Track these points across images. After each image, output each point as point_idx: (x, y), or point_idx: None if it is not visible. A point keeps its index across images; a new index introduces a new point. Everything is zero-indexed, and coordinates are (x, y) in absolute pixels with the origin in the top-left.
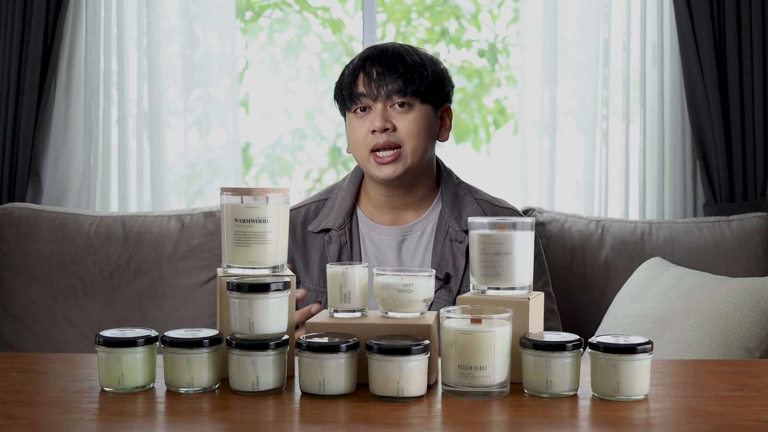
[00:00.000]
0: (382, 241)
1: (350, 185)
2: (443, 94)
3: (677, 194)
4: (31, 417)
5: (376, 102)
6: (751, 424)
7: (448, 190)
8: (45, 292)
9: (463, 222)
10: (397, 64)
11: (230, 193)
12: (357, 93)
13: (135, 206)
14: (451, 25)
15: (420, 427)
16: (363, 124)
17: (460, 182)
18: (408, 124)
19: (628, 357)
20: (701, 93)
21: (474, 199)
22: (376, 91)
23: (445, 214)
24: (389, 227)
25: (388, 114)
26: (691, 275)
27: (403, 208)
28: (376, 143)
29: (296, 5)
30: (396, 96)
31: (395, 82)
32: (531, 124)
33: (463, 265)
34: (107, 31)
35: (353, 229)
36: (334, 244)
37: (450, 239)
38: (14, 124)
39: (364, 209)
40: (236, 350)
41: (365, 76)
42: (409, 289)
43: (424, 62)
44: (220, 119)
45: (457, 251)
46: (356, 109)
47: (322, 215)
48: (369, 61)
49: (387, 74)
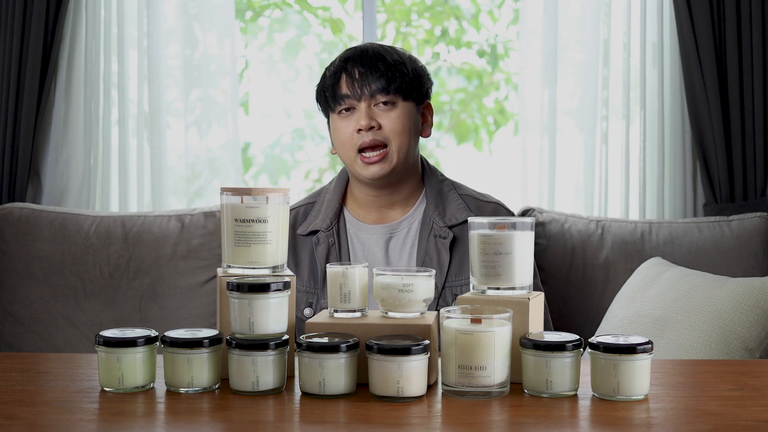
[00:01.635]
0: (370, 240)
1: (336, 187)
2: (423, 91)
3: (677, 194)
4: (31, 417)
5: (360, 101)
6: (751, 424)
7: (432, 187)
8: (45, 292)
9: (447, 218)
10: (378, 64)
11: (230, 193)
12: (341, 94)
13: (135, 206)
14: (451, 26)
15: (420, 427)
16: (348, 124)
17: (444, 179)
18: (392, 121)
19: (628, 357)
20: (701, 93)
21: (458, 194)
22: (359, 91)
23: (430, 210)
24: (376, 226)
25: (372, 113)
26: (691, 275)
27: (389, 207)
28: (363, 142)
29: (296, 5)
30: (380, 95)
31: (378, 81)
32: (531, 124)
33: (448, 260)
34: (107, 31)
35: (341, 229)
36: (322, 246)
37: (434, 235)
38: (14, 124)
39: (350, 210)
40: (236, 350)
41: (347, 76)
42: (409, 289)
43: (404, 60)
44: (219, 119)
45: (441, 247)
46: (340, 110)
47: (310, 218)
48: (350, 62)
49: (369, 74)
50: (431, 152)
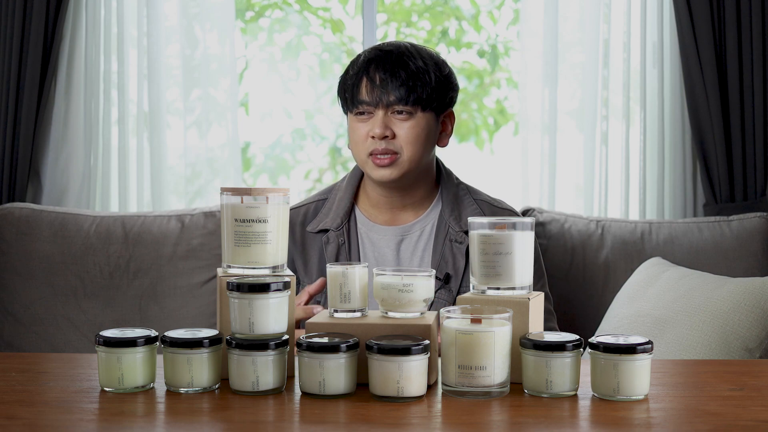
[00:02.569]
0: (381, 241)
1: (349, 185)
2: (446, 100)
3: (677, 194)
4: (31, 417)
5: (377, 108)
6: (751, 424)
7: (447, 191)
8: (45, 292)
9: (463, 222)
10: (400, 71)
11: (230, 193)
12: (359, 99)
13: (135, 206)
14: (452, 26)
15: (420, 427)
16: (363, 127)
17: (459, 183)
18: (407, 131)
19: (628, 357)
20: (701, 93)
21: (473, 199)
22: (377, 99)
23: (445, 214)
24: (388, 227)
25: (388, 120)
26: (691, 275)
27: (402, 209)
28: (375, 149)
29: (296, 5)
30: (397, 104)
31: (397, 90)
32: (531, 124)
33: (463, 265)
34: (107, 31)
35: (351, 229)
36: (332, 245)
37: (450, 240)
38: (14, 124)
39: (362, 209)
40: (236, 350)
41: (368, 81)
42: (409, 289)
43: (428, 68)
44: (219, 119)
45: (457, 252)
46: (357, 113)
47: (320, 215)
48: (373, 64)
49: (389, 81)
50: None
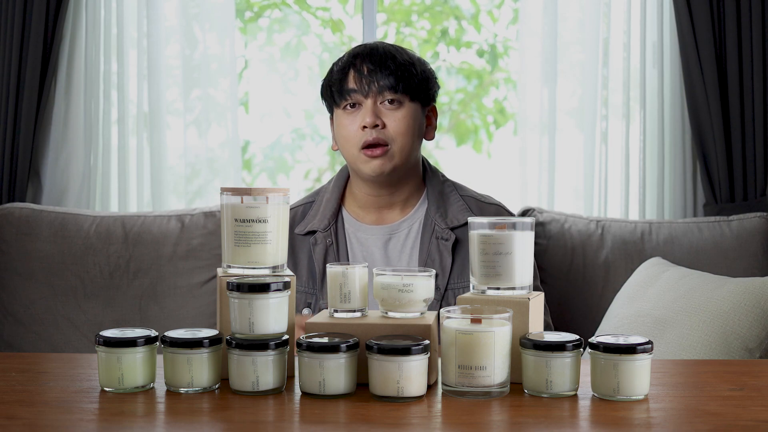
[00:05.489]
0: (368, 240)
1: (335, 186)
2: (430, 93)
3: (677, 194)
4: (31, 417)
5: (366, 98)
6: (751, 424)
7: (433, 189)
8: (45, 292)
9: (449, 220)
10: (388, 62)
11: (230, 193)
12: (347, 89)
13: (135, 206)
14: (451, 26)
15: (420, 427)
16: (353, 121)
17: (445, 180)
18: (397, 121)
19: (628, 357)
20: (701, 93)
21: (460, 196)
22: (367, 87)
23: (431, 212)
24: (375, 226)
25: (378, 110)
26: (691, 275)
27: (389, 207)
28: (366, 140)
29: (296, 5)
30: (387, 92)
31: (387, 79)
32: (531, 124)
33: (450, 262)
34: (107, 31)
35: (339, 229)
36: (319, 246)
37: (436, 237)
38: (14, 124)
39: (349, 209)
40: (236, 350)
41: (356, 72)
42: (409, 289)
43: (413, 61)
44: (219, 119)
45: (443, 249)
46: (346, 105)
47: (308, 217)
48: (359, 58)
49: (378, 71)
50: (430, 153)
